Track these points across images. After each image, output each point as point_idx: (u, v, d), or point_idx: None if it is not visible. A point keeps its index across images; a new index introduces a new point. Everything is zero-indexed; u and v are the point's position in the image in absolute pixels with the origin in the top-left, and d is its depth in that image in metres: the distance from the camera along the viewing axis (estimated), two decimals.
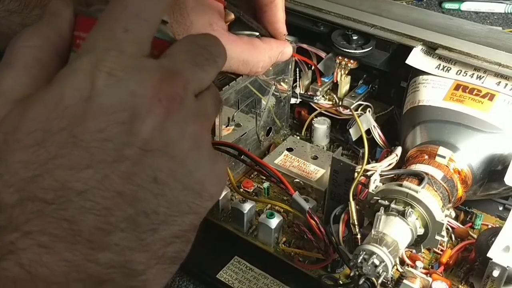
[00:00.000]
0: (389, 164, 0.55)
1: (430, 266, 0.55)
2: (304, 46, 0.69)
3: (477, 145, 0.55)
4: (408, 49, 0.63)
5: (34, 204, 0.23)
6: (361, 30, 0.66)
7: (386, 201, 0.50)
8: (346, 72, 0.68)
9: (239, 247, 0.59)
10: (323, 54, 0.69)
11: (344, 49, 0.66)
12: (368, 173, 0.53)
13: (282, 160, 0.66)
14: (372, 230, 0.48)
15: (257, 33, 0.58)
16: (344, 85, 0.71)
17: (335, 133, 0.71)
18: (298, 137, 0.71)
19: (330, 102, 0.71)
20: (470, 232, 0.57)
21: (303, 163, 0.65)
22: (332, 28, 0.69)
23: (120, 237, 0.24)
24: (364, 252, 0.46)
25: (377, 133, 0.63)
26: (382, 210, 0.49)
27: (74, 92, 0.24)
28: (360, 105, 0.69)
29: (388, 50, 0.66)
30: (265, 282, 0.56)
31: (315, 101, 0.71)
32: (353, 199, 0.52)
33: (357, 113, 0.66)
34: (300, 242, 0.57)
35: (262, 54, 0.55)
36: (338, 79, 0.69)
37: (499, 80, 0.58)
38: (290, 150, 0.67)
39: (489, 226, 0.58)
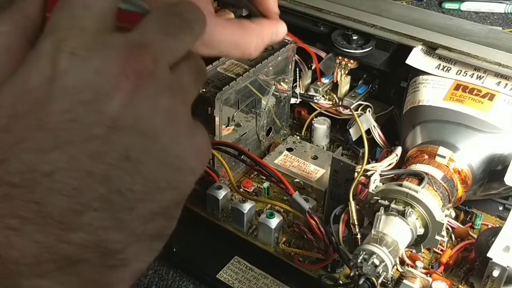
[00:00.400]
0: (389, 164, 0.55)
1: (430, 266, 0.55)
2: (303, 45, 0.69)
3: (477, 145, 0.55)
4: (408, 49, 0.63)
5: (1, 188, 0.23)
6: (361, 30, 0.66)
7: (386, 201, 0.50)
8: (346, 72, 0.68)
9: (239, 247, 0.59)
10: (323, 54, 0.69)
11: (344, 49, 0.66)
12: (368, 173, 0.53)
13: (282, 160, 0.66)
14: (372, 230, 0.48)
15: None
16: (344, 85, 0.71)
17: (335, 133, 0.71)
18: (298, 137, 0.71)
19: (330, 102, 0.71)
20: (470, 232, 0.57)
21: (303, 163, 0.65)
22: (332, 28, 0.69)
23: (93, 217, 0.24)
24: (364, 252, 0.46)
25: (377, 133, 0.63)
26: (382, 210, 0.49)
27: (38, 75, 0.24)
28: (360, 105, 0.69)
29: (388, 50, 0.66)
30: (265, 282, 0.56)
31: (315, 101, 0.71)
32: (353, 199, 0.52)
33: (357, 113, 0.66)
34: (300, 242, 0.57)
35: (253, 36, 0.54)
36: (338, 79, 0.69)
37: (499, 80, 0.58)
38: (290, 150, 0.67)
39: (489, 226, 0.58)
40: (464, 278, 0.54)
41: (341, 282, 0.53)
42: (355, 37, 0.66)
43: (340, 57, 0.67)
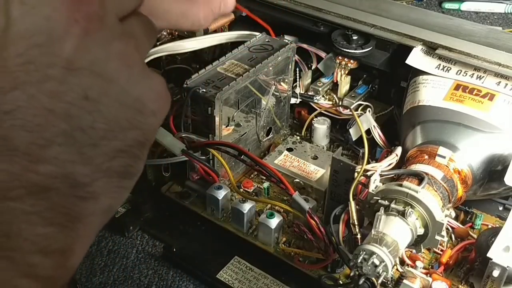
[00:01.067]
0: (389, 164, 0.55)
1: (430, 266, 0.55)
2: (304, 46, 0.69)
3: (477, 145, 0.55)
4: (408, 49, 0.63)
5: None
6: (361, 30, 0.66)
7: (386, 201, 0.50)
8: (346, 72, 0.68)
9: (239, 247, 0.59)
10: (323, 54, 0.69)
11: (344, 49, 0.66)
12: (368, 173, 0.53)
13: (282, 160, 0.66)
14: (372, 230, 0.48)
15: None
16: (344, 85, 0.71)
17: (335, 133, 0.71)
18: (298, 137, 0.71)
19: (330, 102, 0.71)
20: (470, 232, 0.57)
21: (303, 163, 0.65)
22: (332, 28, 0.69)
23: (58, 151, 0.25)
24: (364, 252, 0.46)
25: (377, 133, 0.63)
26: (382, 210, 0.49)
27: None
28: (360, 105, 0.69)
29: (388, 50, 0.66)
30: (265, 282, 0.56)
31: (315, 101, 0.71)
32: (353, 199, 0.52)
33: (357, 113, 0.66)
34: (300, 242, 0.57)
35: (201, 5, 0.53)
36: (338, 79, 0.69)
37: (499, 80, 0.58)
38: (290, 150, 0.67)
39: (489, 226, 0.58)
40: (464, 278, 0.54)
41: (341, 282, 0.53)
42: (355, 37, 0.66)
43: (340, 57, 0.67)
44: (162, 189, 0.65)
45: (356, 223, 0.52)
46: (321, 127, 0.70)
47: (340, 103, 0.70)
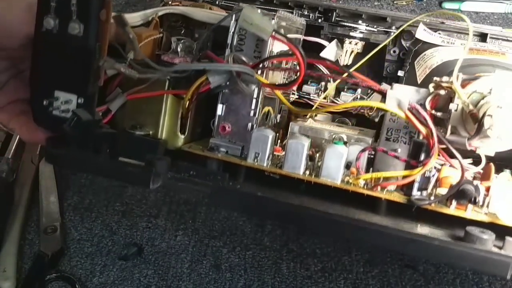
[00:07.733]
0: None
1: None
2: (307, 38, 0.68)
3: None
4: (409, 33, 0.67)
5: None
6: (368, 12, 0.69)
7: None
8: (354, 54, 0.69)
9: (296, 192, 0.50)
10: (326, 43, 0.69)
11: (354, 25, 0.67)
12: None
13: (312, 123, 0.60)
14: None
15: None
16: (332, 90, 0.71)
17: None
18: None
19: (325, 100, 0.70)
20: None
21: (331, 126, 0.60)
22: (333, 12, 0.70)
23: None
24: None
25: None
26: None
27: None
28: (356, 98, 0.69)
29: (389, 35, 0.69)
30: None
31: (312, 98, 0.69)
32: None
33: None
34: (377, 166, 0.51)
35: None
36: (344, 62, 0.69)
37: (499, 48, 0.64)
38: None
39: None
40: None
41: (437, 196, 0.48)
42: (359, 21, 0.68)
43: (346, 39, 0.68)
44: (182, 147, 0.54)
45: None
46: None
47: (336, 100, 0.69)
